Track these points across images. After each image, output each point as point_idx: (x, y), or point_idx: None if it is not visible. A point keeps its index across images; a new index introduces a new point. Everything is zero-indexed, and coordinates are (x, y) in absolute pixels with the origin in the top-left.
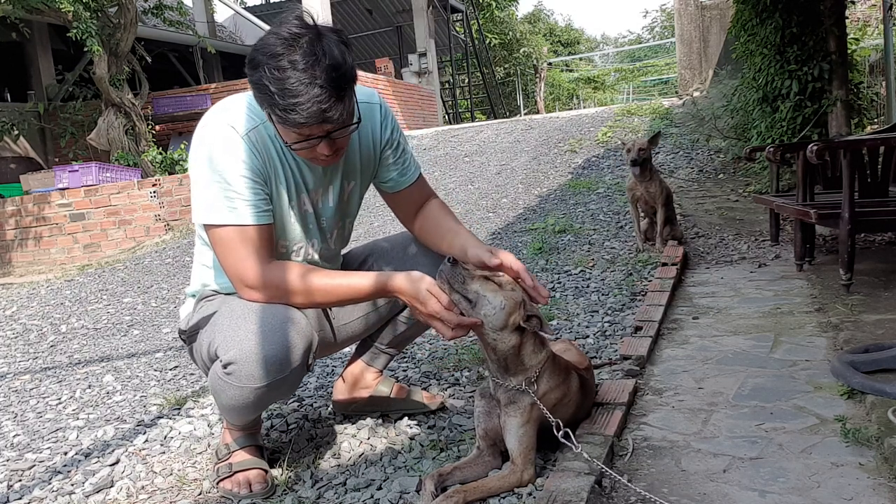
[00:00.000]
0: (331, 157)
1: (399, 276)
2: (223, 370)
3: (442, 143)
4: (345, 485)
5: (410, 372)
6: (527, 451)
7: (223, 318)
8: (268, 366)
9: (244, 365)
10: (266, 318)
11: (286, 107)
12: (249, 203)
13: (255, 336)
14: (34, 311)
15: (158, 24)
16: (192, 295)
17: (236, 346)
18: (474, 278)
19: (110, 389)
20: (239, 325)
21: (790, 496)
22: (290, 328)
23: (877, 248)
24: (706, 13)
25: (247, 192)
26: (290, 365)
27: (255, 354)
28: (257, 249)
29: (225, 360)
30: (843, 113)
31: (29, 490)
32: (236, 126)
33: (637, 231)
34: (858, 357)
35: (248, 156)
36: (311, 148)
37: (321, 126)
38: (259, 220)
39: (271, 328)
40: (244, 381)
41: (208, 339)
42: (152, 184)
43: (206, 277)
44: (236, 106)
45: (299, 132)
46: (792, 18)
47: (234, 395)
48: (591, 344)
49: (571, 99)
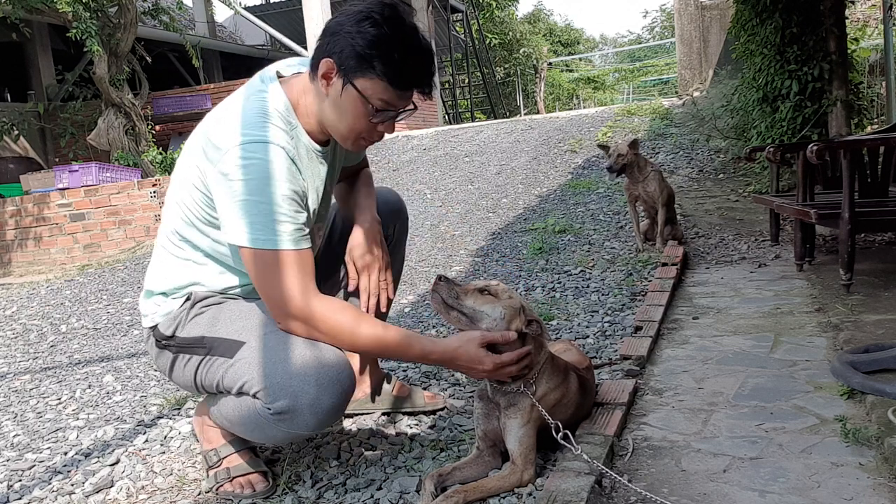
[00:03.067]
0: (374, 141)
1: (449, 345)
2: (271, 414)
3: (442, 143)
4: (345, 485)
5: (411, 372)
6: (527, 452)
7: (261, 355)
8: (326, 417)
9: (300, 416)
10: (323, 365)
11: (404, 65)
12: (297, 226)
13: (314, 388)
14: (34, 311)
15: (157, 25)
16: (162, 293)
17: (289, 396)
18: (468, 293)
19: (110, 389)
20: (292, 373)
21: (790, 496)
22: (347, 376)
23: (877, 248)
24: (706, 13)
25: (294, 214)
26: (342, 411)
27: (313, 407)
28: (305, 276)
29: (276, 408)
30: (843, 113)
31: (29, 490)
32: (283, 145)
33: (636, 231)
34: (858, 357)
35: (295, 178)
36: (376, 125)
37: (412, 94)
38: (305, 245)
39: (329, 380)
40: (296, 428)
41: (232, 373)
42: (152, 184)
43: (198, 276)
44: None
45: (398, 96)
46: (792, 18)
47: (277, 435)
48: (591, 344)
49: (571, 99)
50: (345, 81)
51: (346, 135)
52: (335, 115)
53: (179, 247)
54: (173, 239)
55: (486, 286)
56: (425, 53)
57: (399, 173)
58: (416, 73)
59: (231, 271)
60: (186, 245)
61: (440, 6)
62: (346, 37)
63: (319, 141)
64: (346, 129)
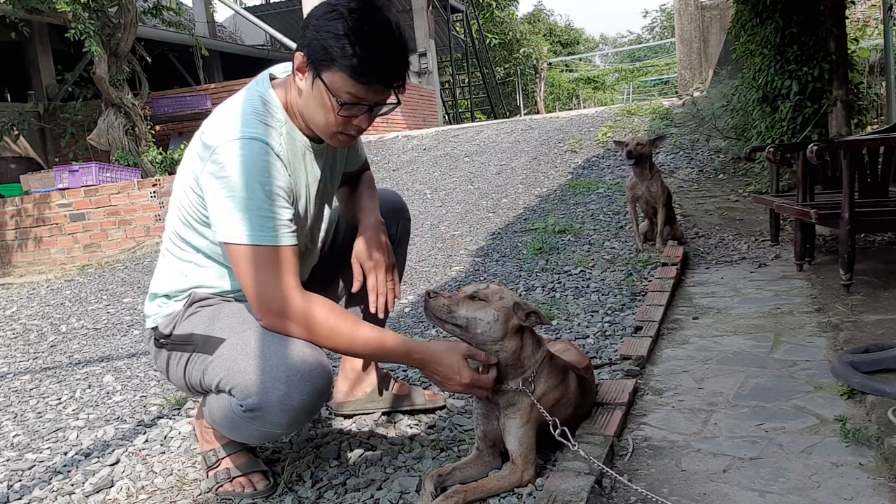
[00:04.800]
0: (354, 136)
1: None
2: (243, 412)
3: (442, 143)
4: (345, 485)
5: (411, 371)
6: (527, 452)
7: (237, 353)
8: (297, 415)
9: (270, 413)
10: (293, 362)
11: (366, 57)
12: (282, 223)
13: (283, 385)
14: (34, 311)
15: (158, 24)
16: (165, 295)
17: (261, 393)
18: (459, 303)
19: (110, 389)
20: (263, 369)
21: (790, 496)
22: (318, 374)
23: (877, 248)
24: (706, 13)
25: (279, 210)
26: (316, 410)
27: (283, 405)
28: (289, 273)
29: (248, 405)
30: (843, 113)
31: (29, 490)
32: (271, 143)
33: (636, 231)
34: (858, 357)
35: (282, 175)
36: (350, 119)
37: (383, 90)
38: (291, 242)
39: (300, 376)
40: (268, 427)
41: (214, 371)
42: (152, 184)
43: (199, 279)
44: (249, 117)
45: (364, 90)
46: (792, 18)
47: (253, 433)
48: (591, 344)
49: (571, 99)
50: (314, 75)
51: (324, 129)
52: (310, 110)
53: (181, 248)
54: (175, 241)
55: (476, 292)
56: (393, 47)
57: (399, 173)
58: (380, 66)
59: (230, 274)
60: (187, 247)
61: (440, 6)
62: (313, 30)
63: (312, 138)
64: (322, 123)
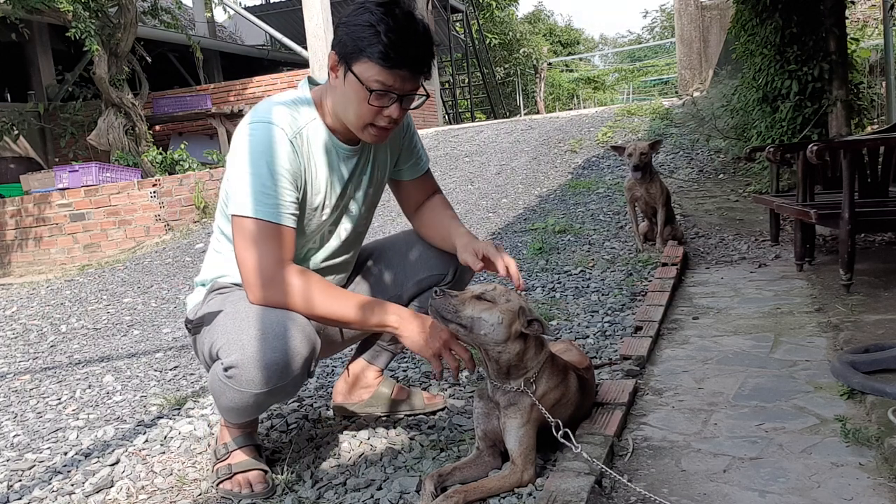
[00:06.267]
0: (389, 128)
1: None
2: (224, 373)
3: (442, 143)
4: (345, 485)
5: (411, 372)
6: (527, 452)
7: (227, 318)
8: (269, 372)
9: (245, 370)
10: (270, 322)
11: (392, 43)
12: (283, 202)
13: (257, 341)
14: (34, 311)
15: (157, 24)
16: (201, 284)
17: (238, 350)
18: (465, 303)
19: (110, 389)
20: (242, 329)
21: (790, 496)
22: (294, 334)
23: (877, 248)
24: (706, 13)
25: (282, 192)
26: (291, 372)
27: (257, 360)
28: (280, 250)
29: (226, 363)
30: (843, 113)
31: (29, 490)
32: (284, 127)
33: (636, 231)
34: (858, 357)
35: (290, 158)
36: (380, 109)
37: (410, 77)
38: (290, 223)
39: (274, 334)
40: (244, 386)
41: (210, 338)
42: (152, 184)
43: (226, 269)
44: (272, 106)
45: (392, 77)
46: (792, 18)
47: (234, 397)
48: (591, 344)
49: (571, 99)
50: (345, 70)
51: (356, 123)
52: (343, 105)
53: (218, 239)
54: (215, 232)
55: (483, 292)
56: (418, 35)
57: None
58: (407, 51)
59: None
60: (221, 236)
61: (440, 6)
62: (343, 27)
63: (347, 139)
64: (354, 118)
